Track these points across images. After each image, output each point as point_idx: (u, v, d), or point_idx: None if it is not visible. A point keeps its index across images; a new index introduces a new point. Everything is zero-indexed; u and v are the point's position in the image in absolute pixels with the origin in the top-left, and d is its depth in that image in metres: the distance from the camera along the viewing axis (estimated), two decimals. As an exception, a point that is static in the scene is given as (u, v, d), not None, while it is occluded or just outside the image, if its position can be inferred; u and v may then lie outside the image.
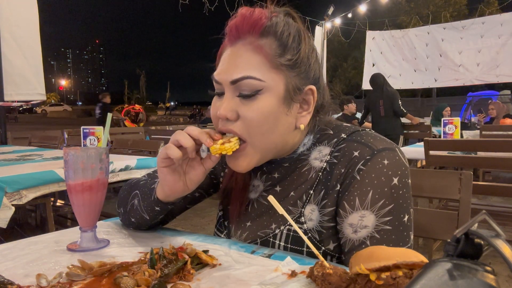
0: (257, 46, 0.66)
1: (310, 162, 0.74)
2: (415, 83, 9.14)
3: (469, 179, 1.01)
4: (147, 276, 0.53)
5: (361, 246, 0.66)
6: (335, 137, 0.74)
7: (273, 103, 0.67)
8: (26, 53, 3.59)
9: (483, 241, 0.34)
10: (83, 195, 0.70)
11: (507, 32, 7.68)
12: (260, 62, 0.66)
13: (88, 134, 2.34)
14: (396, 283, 0.43)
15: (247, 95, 0.66)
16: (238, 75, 0.66)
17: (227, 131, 0.68)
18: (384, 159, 0.66)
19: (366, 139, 0.70)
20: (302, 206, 0.73)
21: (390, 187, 0.65)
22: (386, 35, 9.35)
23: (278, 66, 0.67)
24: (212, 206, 4.06)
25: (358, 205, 0.66)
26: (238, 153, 0.68)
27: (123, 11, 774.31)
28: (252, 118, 0.66)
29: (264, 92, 0.66)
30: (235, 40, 0.69)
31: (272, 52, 0.67)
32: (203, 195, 0.91)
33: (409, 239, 0.67)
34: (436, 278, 0.32)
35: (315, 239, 0.70)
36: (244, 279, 0.56)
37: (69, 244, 0.71)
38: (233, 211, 0.81)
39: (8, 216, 1.53)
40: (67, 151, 0.69)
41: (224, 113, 0.66)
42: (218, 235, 0.85)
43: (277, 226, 0.74)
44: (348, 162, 0.68)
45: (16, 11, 3.51)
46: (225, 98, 0.68)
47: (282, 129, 0.69)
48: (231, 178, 0.84)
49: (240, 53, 0.67)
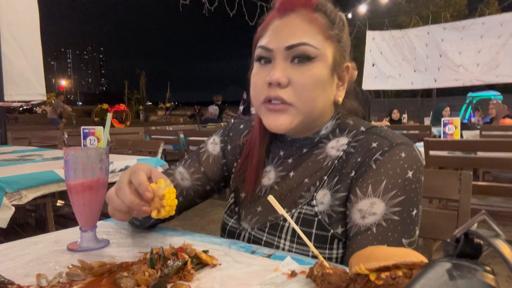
0: (312, 18, 0.71)
1: (327, 151, 0.77)
2: (415, 83, 9.13)
3: (469, 179, 1.02)
4: (147, 276, 0.53)
5: (366, 232, 0.66)
6: (354, 129, 0.76)
7: (324, 71, 0.71)
8: (26, 53, 3.58)
9: (482, 241, 0.34)
10: (83, 195, 0.70)
11: (507, 32, 7.68)
12: (314, 31, 0.71)
13: (88, 134, 2.34)
14: (395, 283, 0.43)
15: (301, 61, 0.70)
16: (295, 41, 0.69)
17: (275, 97, 0.70)
18: (402, 152, 0.68)
19: (386, 133, 0.73)
20: (315, 190, 0.74)
21: (404, 179, 0.66)
22: (386, 35, 9.35)
23: (329, 38, 0.72)
24: (212, 206, 4.06)
25: (370, 192, 0.67)
26: (279, 112, 0.71)
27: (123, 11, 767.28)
28: (305, 84, 0.69)
29: (317, 60, 0.70)
30: (287, 12, 0.72)
31: (325, 24, 0.72)
32: (214, 189, 0.92)
33: (414, 233, 0.68)
34: (436, 278, 0.32)
35: (325, 222, 0.71)
36: (244, 279, 0.56)
37: (69, 244, 0.71)
38: (247, 191, 0.82)
39: (8, 216, 1.53)
40: (67, 151, 0.69)
41: (278, 78, 0.69)
42: (226, 221, 0.86)
43: (288, 210, 0.76)
44: (366, 152, 0.70)
45: (17, 11, 3.51)
46: (277, 64, 0.70)
47: (325, 99, 0.73)
48: (245, 160, 0.85)
49: (295, 22, 0.71)
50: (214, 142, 0.92)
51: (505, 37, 7.71)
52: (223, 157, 0.90)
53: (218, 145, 0.91)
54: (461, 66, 8.29)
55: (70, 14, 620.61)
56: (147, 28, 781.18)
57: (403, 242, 0.66)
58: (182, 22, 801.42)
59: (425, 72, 8.84)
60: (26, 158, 2.29)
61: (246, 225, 0.81)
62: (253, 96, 0.75)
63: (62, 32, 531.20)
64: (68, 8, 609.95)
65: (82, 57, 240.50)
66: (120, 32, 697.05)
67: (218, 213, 3.89)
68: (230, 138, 0.92)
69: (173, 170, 0.90)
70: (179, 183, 0.87)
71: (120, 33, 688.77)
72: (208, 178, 0.89)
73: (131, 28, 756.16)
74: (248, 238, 0.80)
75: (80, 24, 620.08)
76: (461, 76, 8.35)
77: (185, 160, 0.91)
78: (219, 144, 0.91)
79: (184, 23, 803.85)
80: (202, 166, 0.89)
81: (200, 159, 0.90)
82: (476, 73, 8.14)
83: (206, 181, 0.89)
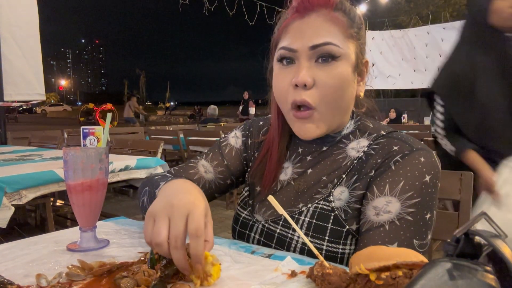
0: (334, 17, 0.71)
1: (347, 151, 0.77)
2: (414, 83, 9.13)
3: (469, 179, 1.02)
4: (147, 276, 0.53)
5: (379, 228, 0.67)
6: (374, 132, 0.77)
7: (348, 70, 0.72)
8: (26, 53, 3.59)
9: (483, 241, 0.34)
10: (83, 195, 0.70)
11: (506, 32, 7.67)
12: (336, 30, 0.71)
13: (88, 134, 2.34)
14: (396, 283, 0.43)
15: (325, 60, 0.70)
16: (319, 41, 0.69)
17: (301, 102, 0.70)
18: (422, 157, 0.69)
19: (407, 138, 0.73)
20: (332, 187, 0.75)
21: (421, 182, 0.67)
22: (385, 35, 9.35)
23: (350, 36, 0.73)
24: (212, 206, 4.04)
25: (387, 191, 0.68)
26: (304, 120, 0.72)
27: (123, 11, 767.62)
28: (331, 84, 0.70)
29: (341, 59, 0.71)
30: (307, 12, 0.72)
31: (345, 23, 0.72)
32: (233, 183, 0.93)
33: (426, 236, 0.68)
34: (436, 278, 0.32)
35: (341, 217, 0.72)
36: (244, 279, 0.56)
37: (69, 244, 0.71)
38: (264, 186, 0.83)
39: (8, 216, 1.53)
40: (67, 151, 0.69)
41: (305, 79, 0.69)
42: (240, 212, 0.86)
43: (304, 204, 0.76)
44: (386, 154, 0.71)
45: (16, 11, 3.51)
46: (302, 65, 0.70)
47: (349, 97, 0.74)
48: (264, 156, 0.85)
49: (317, 23, 0.71)
50: (236, 136, 0.93)
51: (504, 37, 7.70)
52: (245, 151, 0.92)
53: (240, 139, 0.93)
54: (461, 66, 8.27)
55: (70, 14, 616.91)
56: (147, 28, 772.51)
57: (414, 243, 0.66)
58: (182, 22, 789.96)
59: (425, 72, 8.84)
60: (26, 158, 2.29)
61: (260, 217, 0.82)
62: (280, 100, 0.75)
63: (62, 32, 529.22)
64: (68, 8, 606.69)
65: (81, 57, 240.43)
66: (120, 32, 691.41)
67: (218, 213, 3.89)
68: (251, 133, 0.93)
69: (195, 162, 0.91)
70: (203, 175, 0.89)
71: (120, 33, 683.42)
72: (231, 172, 0.90)
73: (131, 28, 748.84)
74: (261, 230, 0.80)
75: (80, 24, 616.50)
76: (461, 76, 8.33)
77: (206, 154, 0.92)
78: (241, 138, 0.93)
79: (184, 23, 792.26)
80: (225, 159, 0.90)
81: (223, 152, 0.91)
82: (475, 73, 8.13)
83: (228, 174, 0.90)
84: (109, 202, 4.39)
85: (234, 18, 7.80)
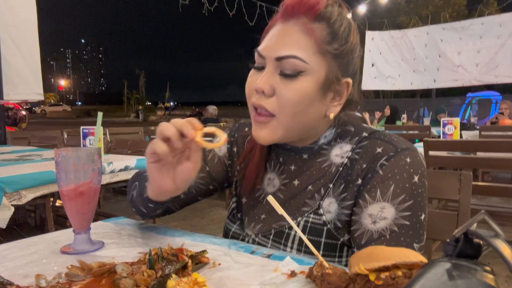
0: (309, 29, 0.67)
1: (331, 158, 0.76)
2: (414, 84, 9.14)
3: (468, 179, 1.02)
4: (146, 277, 0.53)
5: (380, 238, 0.66)
6: (356, 135, 0.75)
7: (312, 87, 0.68)
8: (24, 54, 3.59)
9: (482, 241, 0.34)
10: (76, 197, 0.68)
11: (506, 32, 7.68)
12: (308, 44, 0.67)
13: (88, 134, 2.34)
14: (395, 283, 0.43)
15: (288, 74, 0.67)
16: (285, 53, 0.67)
17: (259, 106, 0.69)
18: (407, 157, 0.68)
19: (389, 138, 0.72)
20: (320, 199, 0.74)
21: (411, 184, 0.67)
22: (385, 35, 9.36)
23: (324, 53, 0.68)
24: (211, 206, 4.06)
25: (379, 197, 0.67)
26: (262, 124, 0.70)
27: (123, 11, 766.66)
28: (289, 98, 0.67)
29: (306, 74, 0.67)
30: (288, 18, 0.69)
31: (322, 38, 0.68)
32: (217, 189, 0.92)
33: (423, 237, 0.68)
34: (435, 278, 0.32)
35: (334, 231, 0.71)
36: (244, 279, 0.56)
37: (63, 247, 0.70)
38: (245, 191, 0.82)
39: (7, 216, 1.52)
40: (58, 152, 0.68)
41: (262, 86, 0.67)
42: (229, 226, 0.86)
43: (294, 217, 0.75)
44: (371, 157, 0.70)
45: (15, 12, 3.51)
46: (266, 72, 0.69)
47: (313, 114, 0.71)
48: (243, 160, 0.85)
49: (290, 31, 0.68)
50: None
51: (504, 37, 7.72)
52: (229, 158, 0.91)
53: (225, 145, 0.91)
54: (460, 67, 8.29)
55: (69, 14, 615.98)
56: (146, 28, 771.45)
57: (415, 247, 0.66)
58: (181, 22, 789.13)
59: (424, 73, 8.85)
60: (25, 158, 2.29)
61: (249, 232, 0.81)
62: (247, 102, 0.74)
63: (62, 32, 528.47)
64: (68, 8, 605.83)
65: (81, 57, 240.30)
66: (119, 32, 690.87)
67: (217, 213, 3.89)
68: (235, 139, 0.91)
69: None
70: None
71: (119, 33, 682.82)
72: (212, 178, 0.89)
73: (131, 28, 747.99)
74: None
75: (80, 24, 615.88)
76: (460, 76, 8.35)
77: None
78: (226, 144, 0.91)
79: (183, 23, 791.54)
80: (207, 166, 0.89)
81: (206, 158, 0.90)
82: (475, 74, 8.14)
83: (210, 180, 0.89)
84: (108, 202, 4.39)
85: (234, 18, 7.81)
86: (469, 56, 8.15)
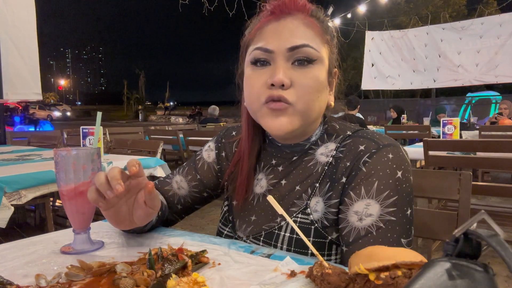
0: (310, 21, 0.71)
1: (317, 157, 0.77)
2: (414, 84, 9.15)
3: (468, 179, 1.02)
4: (145, 277, 0.53)
5: (367, 235, 0.66)
6: (341, 134, 0.77)
7: (324, 74, 0.72)
8: (23, 54, 3.60)
9: (482, 241, 0.34)
10: (75, 197, 0.68)
11: (506, 32, 7.70)
12: (313, 35, 0.71)
13: (88, 134, 2.34)
14: (395, 282, 0.43)
15: (302, 63, 0.69)
16: (298, 42, 0.69)
17: (278, 97, 0.68)
18: (389, 153, 0.69)
19: (372, 135, 0.73)
20: (307, 198, 0.74)
21: (394, 180, 0.67)
22: (385, 35, 9.37)
23: (325, 42, 0.73)
24: (211, 206, 4.05)
25: (363, 194, 0.68)
26: (279, 112, 0.69)
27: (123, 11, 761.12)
28: (308, 85, 0.69)
29: (317, 63, 0.70)
30: (284, 15, 0.71)
31: (320, 29, 0.73)
32: (211, 195, 0.93)
33: (411, 233, 0.68)
34: (435, 278, 0.32)
35: (322, 229, 0.72)
36: (244, 279, 0.56)
37: (63, 247, 0.70)
38: (237, 199, 0.82)
39: (7, 216, 1.53)
40: (58, 152, 0.68)
41: (282, 79, 0.67)
42: (222, 230, 0.86)
43: (283, 218, 0.75)
44: (354, 155, 0.71)
45: (14, 12, 3.51)
46: (279, 65, 0.69)
47: (322, 102, 0.74)
48: (234, 167, 0.85)
49: (294, 25, 0.70)
50: (210, 148, 0.93)
51: (504, 37, 7.73)
52: (218, 163, 0.91)
53: (213, 151, 0.92)
54: (460, 66, 8.30)
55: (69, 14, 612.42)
56: (146, 28, 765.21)
57: (402, 242, 0.66)
58: (181, 22, 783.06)
59: (424, 72, 8.86)
60: (25, 158, 2.29)
61: (241, 234, 0.81)
62: (251, 99, 0.72)
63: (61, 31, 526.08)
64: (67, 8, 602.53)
65: (81, 57, 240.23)
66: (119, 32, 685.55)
67: (217, 213, 3.89)
68: (223, 144, 0.92)
69: (171, 178, 0.92)
70: (176, 192, 0.90)
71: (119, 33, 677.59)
72: (204, 185, 0.90)
73: (131, 28, 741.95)
74: None
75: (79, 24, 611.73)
76: (460, 76, 8.36)
77: (183, 167, 0.93)
78: (214, 150, 0.92)
79: (183, 23, 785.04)
80: (198, 174, 0.90)
81: (196, 166, 0.91)
82: (475, 73, 8.15)
83: (202, 188, 0.90)
84: (108, 202, 4.38)
85: (234, 18, 7.80)
86: (469, 56, 8.16)
